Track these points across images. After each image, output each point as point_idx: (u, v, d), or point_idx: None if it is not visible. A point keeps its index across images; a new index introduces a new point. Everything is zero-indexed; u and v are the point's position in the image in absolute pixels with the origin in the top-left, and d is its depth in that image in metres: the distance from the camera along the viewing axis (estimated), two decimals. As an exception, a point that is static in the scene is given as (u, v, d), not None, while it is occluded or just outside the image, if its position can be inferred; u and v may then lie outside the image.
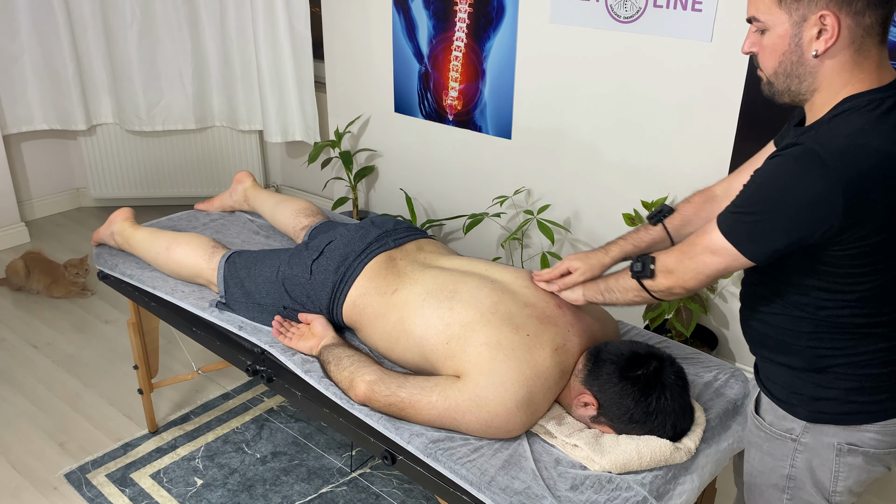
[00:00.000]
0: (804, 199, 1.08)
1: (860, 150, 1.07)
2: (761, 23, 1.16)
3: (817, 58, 1.13)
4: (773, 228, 1.12)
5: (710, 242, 1.20)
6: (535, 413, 1.47)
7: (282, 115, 3.71)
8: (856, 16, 1.10)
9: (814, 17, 1.11)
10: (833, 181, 1.06)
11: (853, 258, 1.13)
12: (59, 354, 2.90)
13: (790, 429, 1.28)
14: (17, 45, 3.59)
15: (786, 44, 1.15)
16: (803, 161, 1.08)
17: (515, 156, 3.00)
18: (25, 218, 3.94)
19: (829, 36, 1.11)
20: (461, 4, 2.95)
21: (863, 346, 1.21)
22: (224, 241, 2.25)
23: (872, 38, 1.12)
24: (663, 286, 1.32)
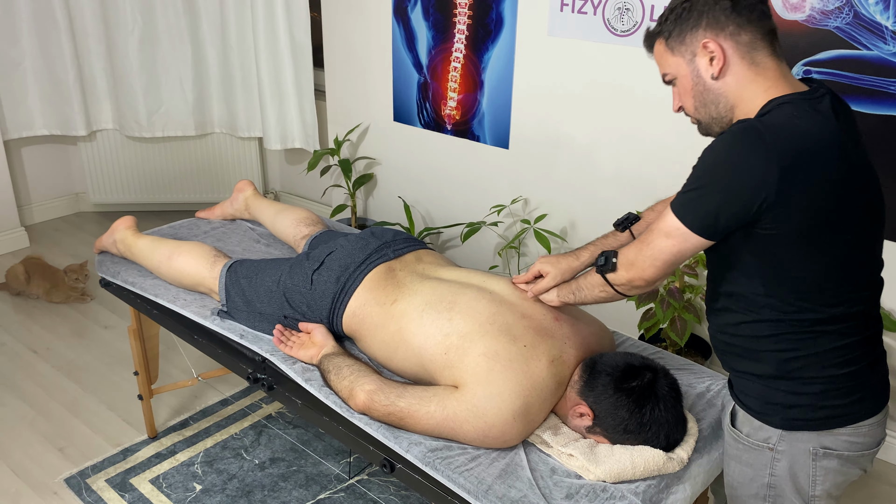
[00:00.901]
0: (743, 170, 1.16)
1: (795, 129, 1.16)
2: (670, 75, 1.32)
3: (717, 79, 1.26)
4: (715, 200, 1.19)
5: (664, 226, 1.26)
6: (531, 423, 1.50)
7: (281, 122, 3.74)
8: (732, 36, 1.24)
9: (699, 48, 1.26)
10: (769, 153, 1.14)
11: (784, 239, 1.19)
12: (59, 359, 2.92)
13: (767, 438, 1.33)
14: (18, 50, 3.61)
15: (691, 81, 1.29)
16: (742, 135, 1.16)
17: (513, 165, 3.03)
18: (25, 223, 3.96)
19: (717, 58, 1.24)
20: (460, 16, 2.99)
21: (819, 346, 1.26)
22: (225, 250, 2.28)
23: (762, 51, 1.24)
24: (624, 279, 1.36)
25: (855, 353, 1.28)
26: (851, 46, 2.16)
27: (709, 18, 1.24)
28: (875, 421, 1.32)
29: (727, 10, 1.23)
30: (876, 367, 1.33)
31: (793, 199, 1.15)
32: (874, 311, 1.32)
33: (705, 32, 1.25)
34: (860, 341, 1.28)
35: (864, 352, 1.29)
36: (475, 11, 2.94)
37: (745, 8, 1.23)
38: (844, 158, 1.19)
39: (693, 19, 1.25)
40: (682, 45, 1.28)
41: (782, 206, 1.16)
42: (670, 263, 1.28)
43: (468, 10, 2.96)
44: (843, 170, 1.18)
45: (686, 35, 1.27)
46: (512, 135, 3.00)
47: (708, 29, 1.24)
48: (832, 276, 1.23)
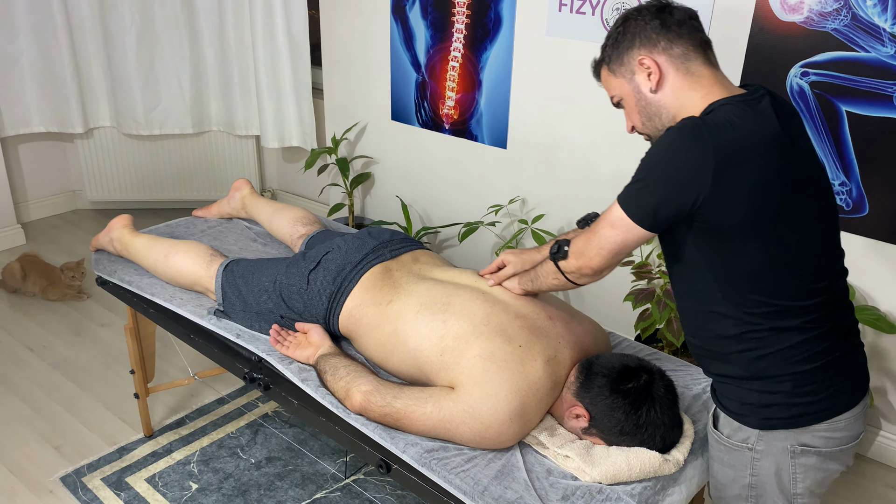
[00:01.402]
0: (681, 164, 1.22)
1: (733, 126, 1.21)
2: (616, 97, 1.41)
3: (656, 93, 1.34)
4: (656, 193, 1.25)
5: (610, 216, 1.32)
6: (527, 424, 1.50)
7: (279, 120, 3.74)
8: (665, 51, 1.32)
9: (636, 65, 1.34)
10: (706, 147, 1.19)
11: (727, 232, 1.23)
12: (55, 357, 2.92)
13: (745, 438, 1.36)
14: (15, 47, 3.60)
15: (634, 98, 1.37)
16: (683, 131, 1.23)
17: (510, 165, 3.03)
18: (21, 220, 3.95)
19: (653, 72, 1.33)
20: (459, 15, 2.99)
21: (783, 342, 1.29)
22: (222, 248, 2.27)
23: (695, 61, 1.32)
24: (573, 266, 1.43)
25: (821, 347, 1.30)
26: (849, 48, 2.16)
27: (641, 38, 1.33)
28: (852, 415, 1.34)
29: (657, 27, 1.32)
30: (848, 360, 1.35)
31: (729, 192, 1.20)
32: (840, 302, 1.34)
33: (640, 50, 1.33)
34: (825, 334, 1.31)
35: (832, 344, 1.32)
36: (473, 11, 2.93)
37: (674, 23, 1.32)
38: (784, 154, 1.23)
39: (628, 41, 1.35)
40: (621, 66, 1.37)
41: (719, 200, 1.20)
42: (615, 253, 1.34)
43: (466, 9, 2.95)
44: (783, 165, 1.23)
45: (623, 56, 1.36)
46: (510, 135, 3.00)
47: (642, 47, 1.33)
48: (782, 269, 1.26)
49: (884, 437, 2.48)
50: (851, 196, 2.29)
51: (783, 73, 2.29)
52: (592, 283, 1.48)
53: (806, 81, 2.27)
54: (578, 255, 1.40)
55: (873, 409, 2.46)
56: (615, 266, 1.39)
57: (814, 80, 2.25)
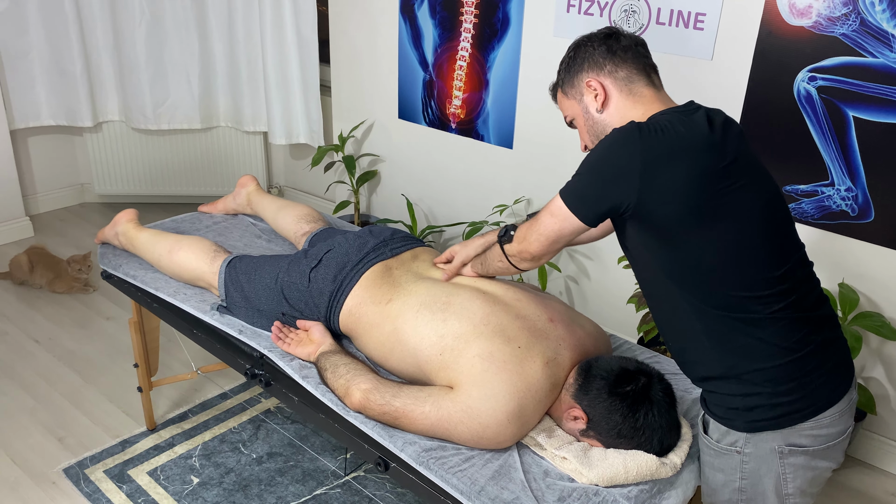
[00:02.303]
0: (614, 160, 1.29)
1: (664, 129, 1.29)
2: (569, 117, 1.52)
3: (602, 112, 1.45)
4: (592, 187, 1.33)
5: (551, 205, 1.39)
6: (525, 425, 1.50)
7: (286, 117, 3.75)
8: (611, 74, 1.44)
9: (585, 87, 1.46)
10: (636, 146, 1.27)
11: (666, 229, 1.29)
12: (61, 350, 2.94)
13: (734, 442, 1.37)
14: (26, 41, 3.63)
15: (584, 118, 1.48)
16: (620, 131, 1.32)
17: (516, 166, 3.03)
18: (30, 212, 3.98)
19: (599, 93, 1.44)
20: (467, 15, 2.99)
21: (749, 335, 1.31)
22: (226, 244, 2.28)
23: (638, 83, 1.43)
24: (515, 250, 1.51)
25: (792, 339, 1.31)
26: (857, 54, 2.15)
27: (590, 62, 1.45)
28: (837, 411, 1.35)
29: (604, 53, 1.44)
30: (825, 353, 1.35)
31: (658, 191, 1.26)
32: (805, 293, 1.35)
33: (588, 73, 1.45)
34: (793, 325, 1.32)
35: (803, 337, 1.32)
36: (482, 10, 2.94)
37: (619, 49, 1.44)
38: (714, 156, 1.28)
39: (577, 65, 1.47)
40: (572, 88, 1.48)
41: (649, 198, 1.27)
42: (553, 241, 1.41)
43: (475, 8, 2.95)
44: (713, 166, 1.27)
45: (574, 79, 1.47)
46: (516, 135, 3.00)
47: (590, 70, 1.45)
48: (729, 260, 1.29)
49: (888, 444, 2.46)
50: (857, 202, 2.28)
51: (790, 77, 2.29)
52: (532, 268, 1.56)
53: (813, 86, 2.26)
54: (520, 239, 1.49)
55: (877, 417, 2.45)
56: (553, 254, 1.47)
57: (821, 85, 2.24)
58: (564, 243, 1.43)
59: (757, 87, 2.36)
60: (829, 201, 2.33)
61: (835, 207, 2.32)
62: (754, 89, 2.37)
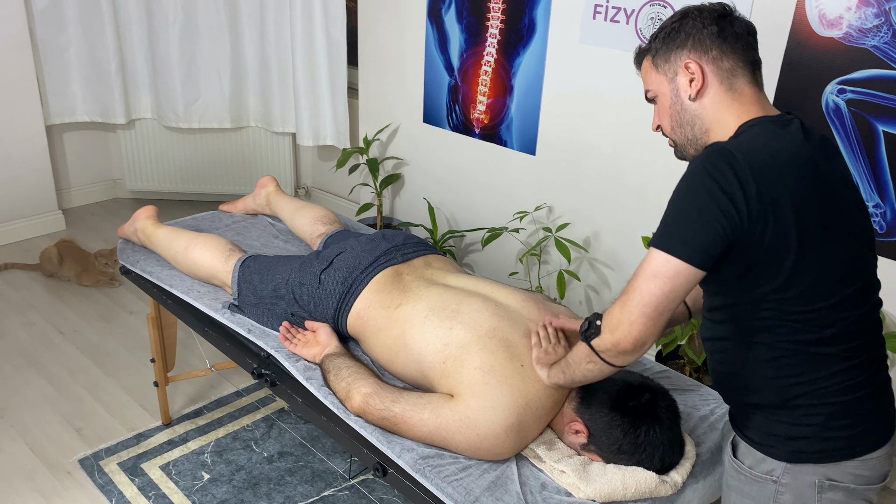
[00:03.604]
0: (720, 191, 1.13)
1: (765, 147, 1.17)
2: (652, 92, 1.35)
3: (694, 101, 1.29)
4: (696, 222, 1.15)
5: (648, 267, 1.18)
6: (524, 438, 1.48)
7: (314, 119, 3.78)
8: (715, 61, 1.27)
9: (681, 68, 1.28)
10: (743, 171, 1.13)
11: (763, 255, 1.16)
12: (84, 342, 3.00)
13: (770, 470, 1.28)
14: (64, 38, 3.71)
15: (669, 99, 1.32)
16: (713, 156, 1.16)
17: (539, 172, 3.01)
18: (63, 206, 4.07)
19: (697, 80, 1.27)
20: (493, 20, 2.98)
21: (820, 371, 1.22)
22: (244, 244, 2.30)
23: (741, 79, 1.27)
24: (609, 343, 1.24)
25: (857, 380, 1.24)
26: (889, 66, 2.09)
27: (694, 40, 1.27)
28: (883, 454, 1.28)
29: (713, 34, 1.27)
30: (881, 394, 1.29)
31: (768, 214, 1.14)
32: (872, 334, 1.28)
33: (689, 53, 1.28)
34: (863, 364, 1.24)
35: (867, 378, 1.25)
36: (508, 16, 2.92)
37: (730, 35, 1.27)
38: (817, 175, 1.19)
39: (680, 39, 1.29)
40: (666, 63, 1.31)
41: (759, 223, 1.14)
42: (662, 310, 1.17)
43: (501, 14, 2.94)
44: (815, 186, 1.17)
45: (671, 54, 1.30)
46: (539, 141, 2.98)
47: (692, 50, 1.28)
48: (820, 292, 1.19)
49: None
50: (886, 219, 2.21)
51: (819, 89, 2.23)
52: (633, 360, 1.27)
53: (842, 99, 2.20)
54: (614, 328, 1.21)
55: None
56: (660, 331, 1.20)
57: (851, 98, 2.18)
58: (671, 310, 1.18)
59: (784, 99, 2.31)
60: (857, 217, 2.26)
61: (862, 224, 2.26)
62: (781, 101, 2.31)
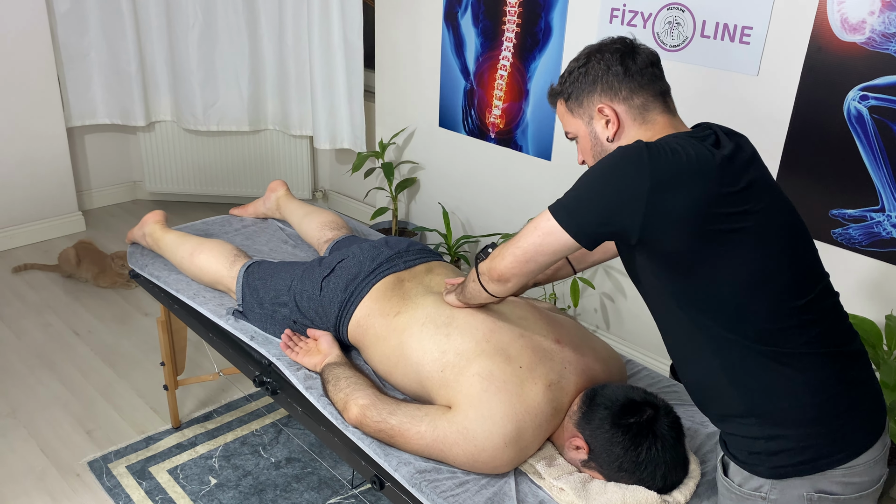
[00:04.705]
0: (618, 180, 1.18)
1: (675, 151, 1.19)
2: (571, 133, 1.39)
3: (613, 141, 1.32)
4: (593, 203, 1.21)
5: (537, 220, 1.27)
6: (524, 450, 1.45)
7: (331, 122, 3.77)
8: (626, 101, 1.30)
9: (595, 112, 1.32)
10: (644, 167, 1.16)
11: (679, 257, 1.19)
12: (99, 343, 3.01)
13: (758, 487, 1.26)
14: (86, 42, 3.75)
15: (589, 141, 1.36)
16: (626, 149, 1.20)
17: (554, 177, 2.97)
18: (83, 207, 4.11)
19: (612, 122, 1.31)
20: (509, 24, 2.94)
21: (778, 370, 1.20)
22: (252, 248, 2.30)
23: (654, 111, 1.31)
24: (485, 268, 1.39)
25: (820, 377, 1.20)
26: (913, 72, 2.02)
27: (603, 84, 1.31)
28: (871, 458, 1.23)
29: (619, 75, 1.29)
30: (857, 393, 1.24)
31: (666, 216, 1.16)
32: (832, 327, 1.24)
33: (601, 97, 1.31)
34: (821, 361, 1.21)
35: (833, 375, 1.21)
36: (524, 20, 2.89)
37: (636, 73, 1.29)
38: (732, 182, 1.18)
39: (589, 84, 1.32)
40: (580, 107, 1.34)
41: (657, 223, 1.17)
42: (527, 259, 1.29)
43: (517, 18, 2.91)
44: (727, 192, 1.17)
45: (583, 99, 1.33)
46: (555, 146, 2.93)
47: (603, 94, 1.31)
48: (743, 290, 1.19)
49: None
50: (909, 229, 2.14)
51: (840, 95, 2.16)
52: (502, 293, 1.42)
53: (865, 105, 2.13)
54: (493, 256, 1.36)
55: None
56: (525, 277, 1.33)
57: (873, 105, 2.11)
58: (541, 264, 1.29)
59: (805, 106, 2.25)
60: (879, 227, 2.19)
61: (884, 234, 2.19)
62: (802, 107, 2.25)
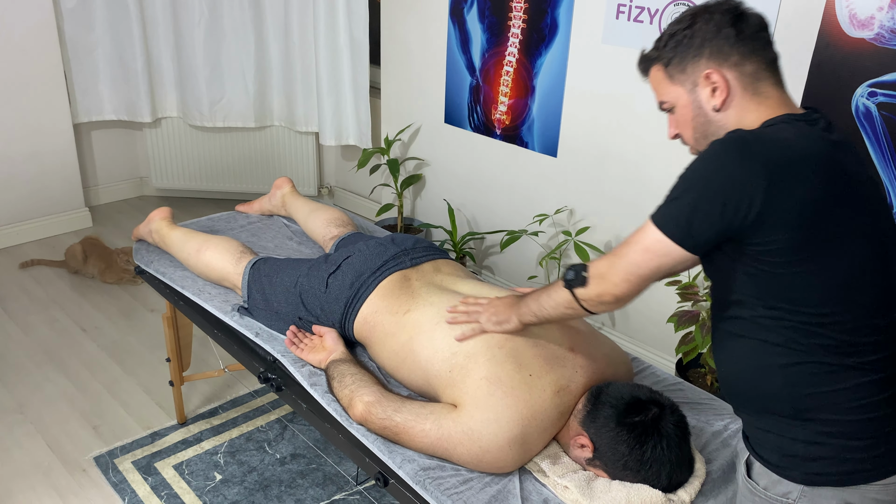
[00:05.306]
0: (728, 179, 1.09)
1: (785, 143, 1.10)
2: (668, 103, 1.27)
3: (719, 111, 1.21)
4: (700, 210, 1.11)
5: (642, 238, 1.18)
6: (528, 451, 1.44)
7: (337, 118, 3.77)
8: (736, 67, 1.19)
9: (701, 79, 1.20)
10: (756, 161, 1.08)
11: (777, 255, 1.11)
12: (105, 339, 3.02)
13: (786, 493, 1.21)
14: (92, 38, 3.75)
15: (691, 111, 1.24)
16: (729, 144, 1.11)
17: (560, 174, 2.96)
18: (90, 203, 4.12)
19: (720, 90, 1.19)
20: (515, 20, 2.93)
21: (837, 382, 1.15)
22: (258, 245, 2.30)
23: (765, 81, 1.20)
24: (593, 293, 1.27)
25: (880, 396, 1.16)
26: (922, 69, 2.01)
27: (712, 47, 1.19)
28: None
29: (731, 38, 1.18)
30: None
31: (781, 210, 1.08)
32: None
33: (708, 62, 1.19)
34: (885, 380, 1.16)
35: (890, 396, 1.17)
36: (530, 16, 2.88)
37: (749, 37, 1.18)
38: (840, 175, 1.12)
39: (695, 47, 1.20)
40: (682, 73, 1.22)
41: (771, 219, 1.08)
42: (646, 279, 1.20)
43: (523, 13, 2.90)
44: (836, 186, 1.11)
45: (687, 64, 1.21)
46: (561, 143, 2.93)
47: (711, 58, 1.19)
48: (836, 298, 1.13)
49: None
50: (917, 227, 2.12)
51: (849, 92, 2.15)
52: (610, 310, 1.33)
53: (873, 102, 2.11)
54: (600, 279, 1.25)
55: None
56: (641, 293, 1.25)
57: (882, 102, 2.10)
58: (655, 280, 1.21)
59: (813, 102, 2.23)
60: (887, 225, 2.18)
61: (892, 232, 2.17)
62: (809, 104, 2.23)
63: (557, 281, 1.37)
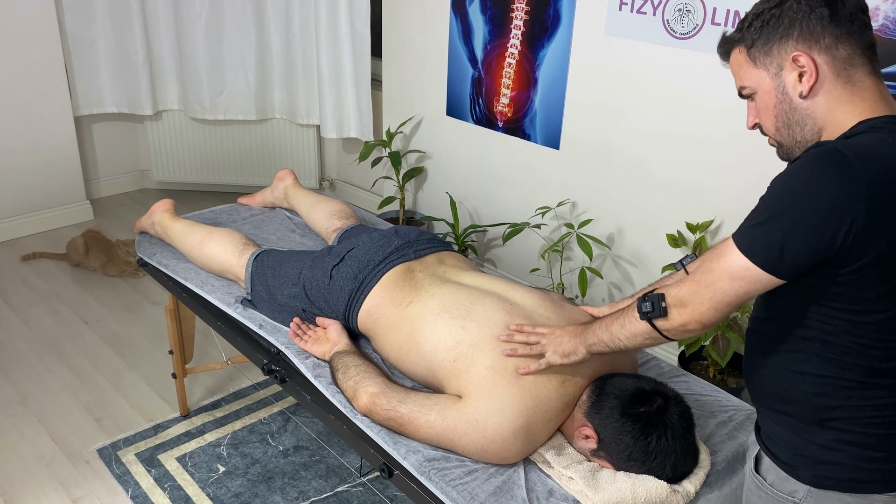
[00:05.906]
0: (826, 198, 0.99)
1: (885, 156, 1.01)
2: (749, 88, 1.17)
3: (806, 99, 1.11)
4: (794, 234, 1.02)
5: (729, 265, 1.08)
6: (533, 442, 1.45)
7: (338, 111, 3.76)
8: (828, 50, 1.08)
9: (787, 62, 1.11)
10: (857, 181, 0.98)
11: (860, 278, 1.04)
12: (107, 332, 3.02)
13: (793, 491, 1.20)
14: (92, 30, 3.74)
15: (774, 97, 1.14)
16: (824, 159, 1.00)
17: (562, 167, 2.96)
18: (91, 196, 4.12)
19: (808, 74, 1.09)
20: (517, 11, 2.92)
21: (869, 399, 1.12)
22: (260, 237, 2.30)
23: (860, 69, 1.09)
24: (677, 323, 1.17)
25: None
26: (927, 60, 2.00)
27: (801, 28, 1.09)
28: None
29: (824, 19, 1.08)
30: None
31: (880, 234, 1.00)
32: None
33: (797, 44, 1.10)
34: None
35: None
36: (532, 7, 2.87)
37: (844, 18, 1.08)
38: None
39: (783, 28, 1.10)
40: (767, 56, 1.13)
41: (868, 243, 1.00)
42: (734, 306, 1.11)
43: (525, 5, 2.89)
44: None
45: (773, 46, 1.12)
46: (563, 135, 2.92)
47: (800, 40, 1.09)
48: None
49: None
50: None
51: (853, 83, 2.14)
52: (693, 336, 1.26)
53: (877, 93, 2.11)
54: (682, 308, 1.16)
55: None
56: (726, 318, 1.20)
57: None
58: (745, 303, 1.12)
59: (816, 94, 2.22)
60: (891, 217, 2.18)
61: (896, 224, 2.17)
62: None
63: (628, 310, 1.29)
